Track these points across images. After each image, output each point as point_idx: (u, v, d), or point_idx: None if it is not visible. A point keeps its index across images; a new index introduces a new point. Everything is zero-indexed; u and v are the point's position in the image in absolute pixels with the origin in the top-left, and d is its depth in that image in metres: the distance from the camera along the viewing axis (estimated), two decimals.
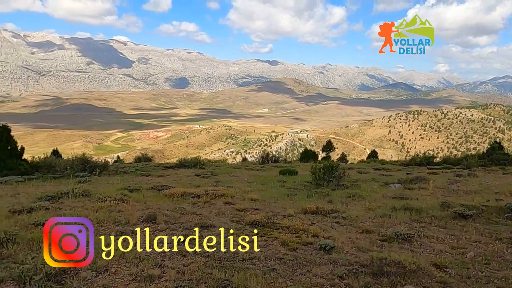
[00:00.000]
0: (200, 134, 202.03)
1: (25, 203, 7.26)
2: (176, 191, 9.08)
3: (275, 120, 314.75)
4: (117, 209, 6.79)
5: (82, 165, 14.47)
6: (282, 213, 7.34)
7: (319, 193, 10.39)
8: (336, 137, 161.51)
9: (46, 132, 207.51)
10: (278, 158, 30.27)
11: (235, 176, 15.73)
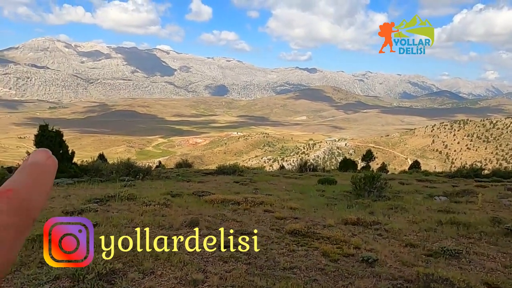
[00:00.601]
0: (238, 141, 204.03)
1: (76, 205, 7.67)
2: (216, 197, 9.24)
3: (313, 128, 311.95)
4: (161, 214, 7.00)
5: (127, 170, 15.05)
6: (322, 223, 7.27)
7: (360, 204, 10.18)
8: (376, 146, 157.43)
9: (92, 137, 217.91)
10: (316, 167, 29.91)
11: (273, 183, 15.74)
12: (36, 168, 0.27)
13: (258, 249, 5.20)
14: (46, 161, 0.28)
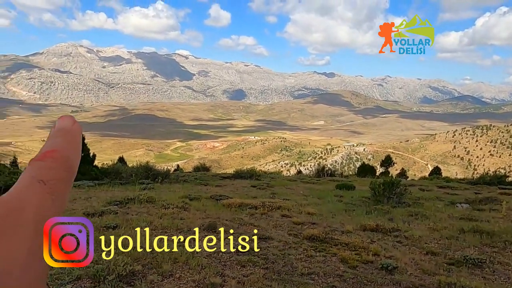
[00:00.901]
0: (255, 145, 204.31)
1: (96, 207, 7.82)
2: (234, 201, 9.26)
3: (330, 133, 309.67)
4: (179, 217, 7.07)
5: (146, 173, 15.26)
6: (340, 229, 7.20)
7: (379, 210, 10.03)
8: (395, 151, 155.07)
9: (112, 140, 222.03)
10: (333, 172, 29.67)
11: (290, 188, 15.68)
12: (66, 132, 0.30)
13: (258, 249, 5.19)
14: (72, 126, 0.32)
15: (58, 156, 0.30)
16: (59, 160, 0.29)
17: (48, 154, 0.29)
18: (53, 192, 0.28)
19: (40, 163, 0.29)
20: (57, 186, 0.28)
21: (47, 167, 0.29)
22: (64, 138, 0.31)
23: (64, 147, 0.30)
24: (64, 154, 0.30)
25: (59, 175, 0.29)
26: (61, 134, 0.31)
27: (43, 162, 0.29)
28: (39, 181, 0.28)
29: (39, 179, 0.28)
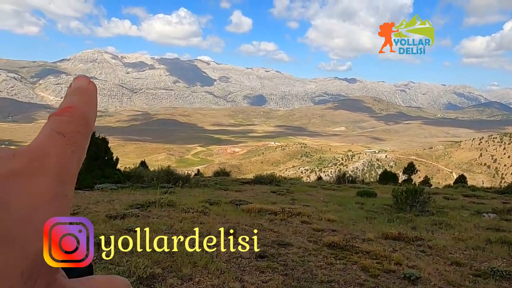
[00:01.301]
0: (275, 151, 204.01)
1: (119, 210, 7.95)
2: (254, 206, 9.25)
3: (352, 139, 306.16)
4: (199, 221, 7.11)
5: (167, 177, 15.43)
6: (361, 237, 7.08)
7: (401, 218, 9.82)
8: (418, 158, 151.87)
9: (135, 144, 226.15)
10: (354, 179, 29.32)
11: (310, 195, 15.56)
12: (83, 91, 0.32)
13: (257, 249, 5.14)
14: (88, 85, 0.32)
15: (75, 111, 0.31)
16: (76, 115, 0.31)
17: (66, 110, 0.31)
18: (72, 143, 0.30)
19: (58, 117, 0.31)
20: (76, 138, 0.30)
21: (65, 121, 0.30)
22: (80, 96, 0.33)
23: (80, 104, 0.32)
24: (81, 110, 0.32)
25: (77, 128, 0.31)
26: (77, 92, 0.33)
27: (62, 117, 0.31)
28: (59, 133, 0.29)
29: (58, 131, 0.29)
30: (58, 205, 0.27)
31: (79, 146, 0.30)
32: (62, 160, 0.28)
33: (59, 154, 0.29)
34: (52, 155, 0.28)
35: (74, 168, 0.29)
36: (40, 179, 0.26)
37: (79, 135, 0.31)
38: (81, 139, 0.31)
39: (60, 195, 0.27)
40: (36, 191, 0.26)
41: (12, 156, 0.26)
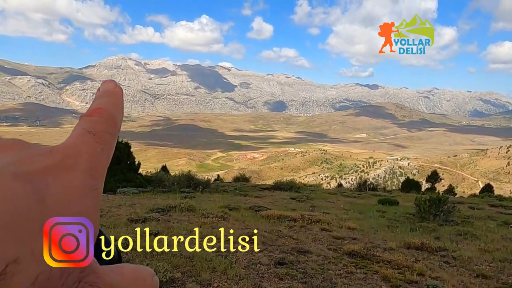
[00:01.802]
0: (295, 157, 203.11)
1: (140, 213, 8.07)
2: (273, 213, 9.23)
3: (373, 146, 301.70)
4: (219, 226, 7.14)
5: (187, 182, 15.59)
6: (382, 246, 6.95)
7: (424, 228, 9.59)
8: (442, 166, 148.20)
9: (156, 149, 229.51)
10: (376, 186, 28.87)
11: (330, 202, 15.39)
12: (110, 93, 0.34)
13: (257, 249, 5.09)
14: (115, 88, 0.35)
15: (104, 112, 0.34)
16: (105, 115, 0.34)
17: (95, 111, 0.34)
18: (102, 141, 0.32)
19: (89, 118, 0.33)
20: (105, 137, 0.33)
21: (95, 121, 0.33)
22: (108, 98, 0.35)
23: (108, 106, 0.35)
24: (109, 111, 0.34)
25: (106, 128, 0.33)
26: (105, 95, 0.35)
27: (92, 117, 0.33)
28: (89, 132, 0.32)
29: (89, 131, 0.32)
30: (89, 198, 0.29)
31: (108, 144, 0.33)
32: (93, 157, 0.31)
33: (90, 152, 0.31)
34: (84, 153, 0.31)
35: (103, 165, 0.32)
36: (74, 174, 0.29)
37: (107, 134, 0.33)
38: (110, 138, 0.33)
39: (91, 189, 0.29)
40: (70, 184, 0.28)
41: (48, 153, 0.29)
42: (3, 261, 0.23)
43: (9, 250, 0.23)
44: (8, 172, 0.26)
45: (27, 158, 0.28)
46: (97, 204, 0.30)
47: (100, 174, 0.31)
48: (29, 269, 0.24)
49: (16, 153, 0.28)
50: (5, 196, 0.25)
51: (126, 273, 0.31)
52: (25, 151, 0.29)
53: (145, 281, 0.32)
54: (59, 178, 0.28)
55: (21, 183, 0.26)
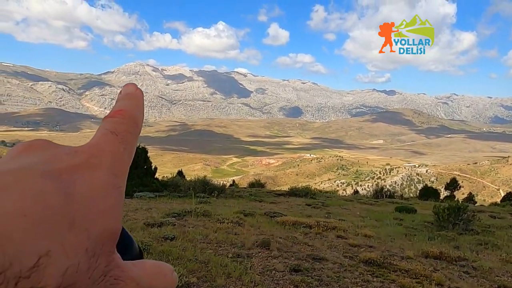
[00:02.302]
0: (310, 163, 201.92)
1: (156, 218, 8.15)
2: (288, 219, 9.19)
3: (390, 153, 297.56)
4: (234, 232, 7.15)
5: (203, 187, 15.68)
6: (399, 254, 6.83)
7: (443, 236, 9.39)
8: (462, 174, 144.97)
9: (172, 154, 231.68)
10: (393, 193, 28.44)
11: (346, 209, 15.25)
12: (131, 96, 0.36)
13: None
14: (136, 91, 0.37)
15: (125, 114, 0.36)
16: (126, 117, 0.36)
17: (118, 112, 0.36)
18: (124, 141, 0.34)
19: (111, 119, 0.35)
20: (127, 137, 0.34)
21: (118, 122, 0.35)
22: (129, 100, 0.37)
23: (130, 107, 0.36)
24: (131, 113, 0.36)
25: (128, 128, 0.35)
26: (127, 97, 0.37)
27: (114, 118, 0.35)
28: (112, 133, 0.34)
29: (112, 131, 0.34)
30: (113, 195, 0.30)
31: (129, 144, 0.35)
32: (116, 156, 0.33)
33: (113, 151, 0.33)
34: (107, 152, 0.32)
35: (126, 164, 0.34)
36: (98, 172, 0.31)
37: (129, 135, 0.35)
38: (131, 138, 0.35)
39: (114, 186, 0.31)
40: (95, 182, 0.30)
41: (74, 153, 0.31)
42: (36, 254, 0.24)
43: (41, 244, 0.25)
44: (38, 170, 0.28)
45: (55, 157, 0.30)
46: (120, 202, 0.31)
47: (122, 173, 0.33)
48: (59, 262, 0.25)
49: (44, 152, 0.30)
50: (35, 193, 0.26)
51: (148, 268, 0.33)
52: (52, 150, 0.31)
53: (165, 276, 0.34)
54: (85, 176, 0.29)
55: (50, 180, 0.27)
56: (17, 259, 0.24)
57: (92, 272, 0.27)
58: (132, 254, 0.35)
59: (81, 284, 0.26)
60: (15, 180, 0.26)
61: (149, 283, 0.31)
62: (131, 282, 0.30)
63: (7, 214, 0.24)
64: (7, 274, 0.23)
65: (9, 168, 0.28)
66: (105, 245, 0.28)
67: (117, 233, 0.30)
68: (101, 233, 0.28)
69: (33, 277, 0.24)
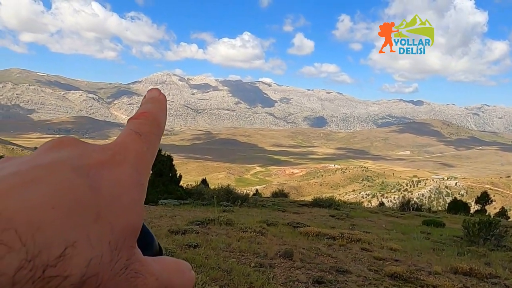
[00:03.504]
0: (334, 174, 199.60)
1: (180, 225, 8.24)
2: (311, 230, 9.09)
3: (417, 164, 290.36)
4: (256, 241, 7.13)
5: (226, 195, 15.76)
6: (427, 269, 6.62)
7: (473, 252, 9.04)
8: (494, 188, 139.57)
9: (197, 162, 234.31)
10: (420, 206, 27.69)
11: (371, 221, 14.94)
12: (155, 99, 0.38)
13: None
14: (159, 95, 0.39)
15: (149, 116, 0.38)
16: (150, 119, 0.37)
17: (142, 114, 0.38)
18: (147, 141, 0.36)
19: (136, 120, 0.37)
20: (150, 137, 0.36)
21: (142, 123, 0.37)
22: (153, 104, 0.38)
23: (153, 110, 0.38)
24: (154, 115, 0.38)
25: (151, 129, 0.37)
26: (151, 101, 0.39)
27: (139, 120, 0.37)
28: (136, 133, 0.36)
29: (136, 131, 0.36)
30: (136, 191, 0.32)
31: (152, 144, 0.36)
32: (139, 155, 0.34)
33: (137, 149, 0.34)
34: (132, 150, 0.34)
35: (148, 162, 0.35)
36: (123, 169, 0.32)
37: (152, 135, 0.37)
38: (154, 139, 0.37)
39: (138, 183, 0.33)
40: (119, 178, 0.31)
41: (101, 150, 0.33)
42: (63, 244, 0.26)
43: (68, 234, 0.26)
44: (68, 165, 0.30)
45: (83, 154, 0.32)
46: (142, 198, 0.33)
47: (145, 171, 0.34)
48: (84, 252, 0.26)
49: (73, 149, 0.32)
50: (65, 186, 0.28)
51: (167, 265, 0.35)
52: (81, 147, 0.33)
53: (183, 273, 0.36)
54: (111, 172, 0.31)
55: (79, 175, 0.29)
56: (45, 248, 0.25)
57: (114, 265, 0.28)
58: (153, 251, 0.37)
59: (104, 275, 0.27)
60: (46, 174, 0.28)
61: (168, 279, 0.33)
62: (150, 277, 0.31)
63: (38, 206, 0.26)
64: (36, 262, 0.25)
65: (41, 162, 0.29)
66: (127, 239, 0.30)
67: (138, 228, 0.31)
68: (124, 227, 0.30)
69: (59, 266, 0.25)
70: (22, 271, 0.24)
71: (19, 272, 0.24)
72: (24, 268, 0.24)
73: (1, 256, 0.24)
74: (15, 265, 0.24)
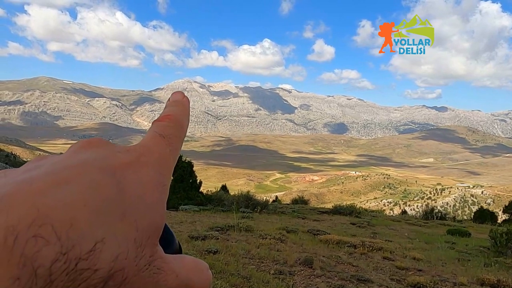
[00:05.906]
0: (355, 181, 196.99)
1: (200, 231, 8.30)
2: (332, 237, 8.99)
3: (441, 172, 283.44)
4: (276, 248, 7.11)
5: (246, 202, 15.78)
6: (451, 280, 6.43)
7: (501, 263, 8.73)
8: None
9: (217, 168, 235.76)
10: (444, 215, 27.00)
11: (393, 229, 14.65)
12: (178, 103, 0.40)
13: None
14: (183, 99, 0.40)
15: (173, 118, 0.39)
16: (173, 121, 0.39)
17: (166, 117, 0.39)
18: (170, 144, 0.37)
19: (160, 123, 0.39)
20: (173, 140, 0.37)
21: (166, 126, 0.38)
22: (177, 107, 0.41)
23: (177, 113, 0.40)
24: (177, 118, 0.39)
25: (174, 132, 0.38)
26: (174, 104, 0.41)
27: (163, 122, 0.39)
28: (160, 135, 0.37)
29: (160, 133, 0.37)
30: (159, 191, 0.33)
31: (175, 146, 0.37)
32: (163, 156, 0.36)
33: (160, 151, 0.36)
34: (155, 152, 0.35)
35: (171, 164, 0.37)
36: (146, 170, 0.33)
37: (175, 138, 0.38)
38: (177, 141, 0.38)
39: (160, 184, 0.34)
40: (143, 179, 0.33)
41: (127, 151, 0.34)
42: (93, 239, 0.27)
43: (97, 231, 0.28)
44: (96, 166, 0.31)
45: (110, 155, 0.33)
46: (165, 199, 0.34)
47: (168, 172, 0.36)
48: (112, 248, 0.28)
49: (100, 150, 0.34)
50: (93, 185, 0.29)
51: (187, 263, 0.36)
52: (108, 148, 0.34)
53: (202, 272, 0.36)
54: (135, 173, 0.33)
55: (106, 175, 0.31)
56: (78, 243, 0.27)
57: (139, 261, 0.30)
58: (173, 249, 0.39)
59: (129, 270, 0.29)
60: (76, 174, 0.30)
61: (187, 276, 0.34)
62: (171, 273, 0.33)
63: (71, 204, 0.28)
64: (70, 255, 0.27)
65: (71, 163, 0.31)
66: (151, 237, 0.31)
67: (161, 227, 0.33)
68: (148, 226, 0.31)
69: (90, 259, 0.27)
70: (57, 263, 0.27)
71: (55, 264, 0.27)
72: (59, 260, 0.27)
73: (39, 249, 0.27)
74: (51, 257, 0.27)
